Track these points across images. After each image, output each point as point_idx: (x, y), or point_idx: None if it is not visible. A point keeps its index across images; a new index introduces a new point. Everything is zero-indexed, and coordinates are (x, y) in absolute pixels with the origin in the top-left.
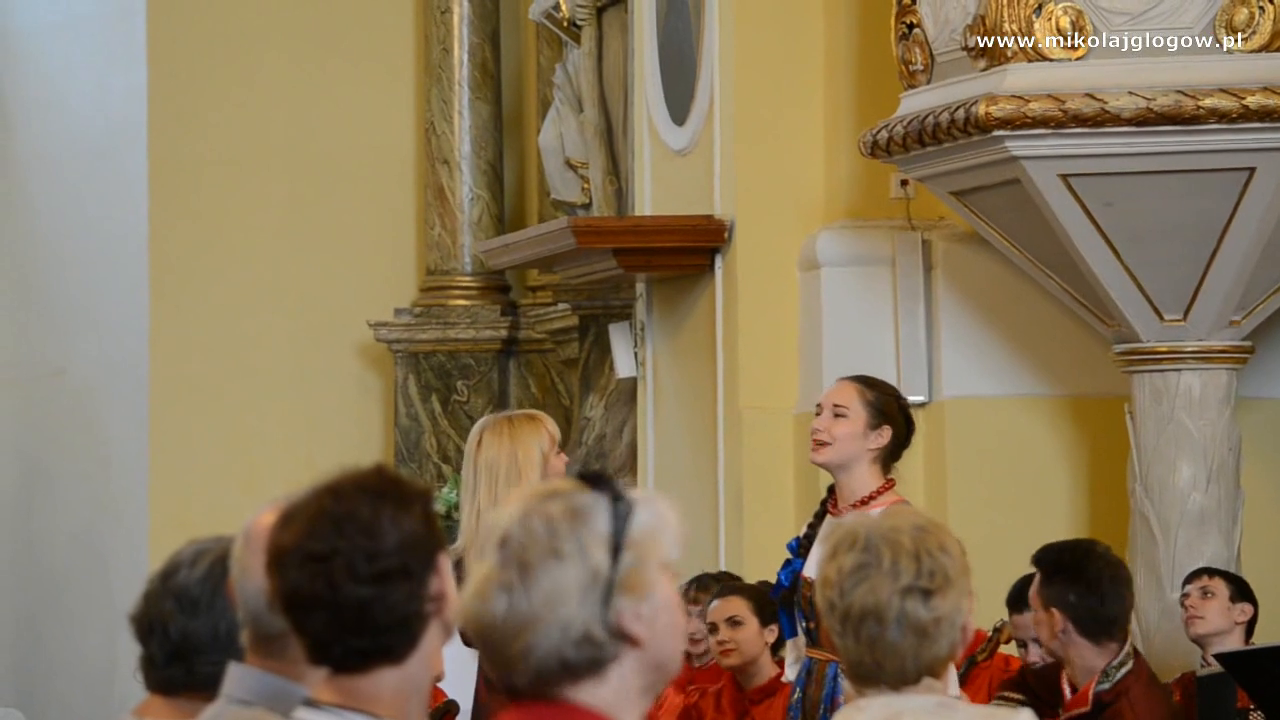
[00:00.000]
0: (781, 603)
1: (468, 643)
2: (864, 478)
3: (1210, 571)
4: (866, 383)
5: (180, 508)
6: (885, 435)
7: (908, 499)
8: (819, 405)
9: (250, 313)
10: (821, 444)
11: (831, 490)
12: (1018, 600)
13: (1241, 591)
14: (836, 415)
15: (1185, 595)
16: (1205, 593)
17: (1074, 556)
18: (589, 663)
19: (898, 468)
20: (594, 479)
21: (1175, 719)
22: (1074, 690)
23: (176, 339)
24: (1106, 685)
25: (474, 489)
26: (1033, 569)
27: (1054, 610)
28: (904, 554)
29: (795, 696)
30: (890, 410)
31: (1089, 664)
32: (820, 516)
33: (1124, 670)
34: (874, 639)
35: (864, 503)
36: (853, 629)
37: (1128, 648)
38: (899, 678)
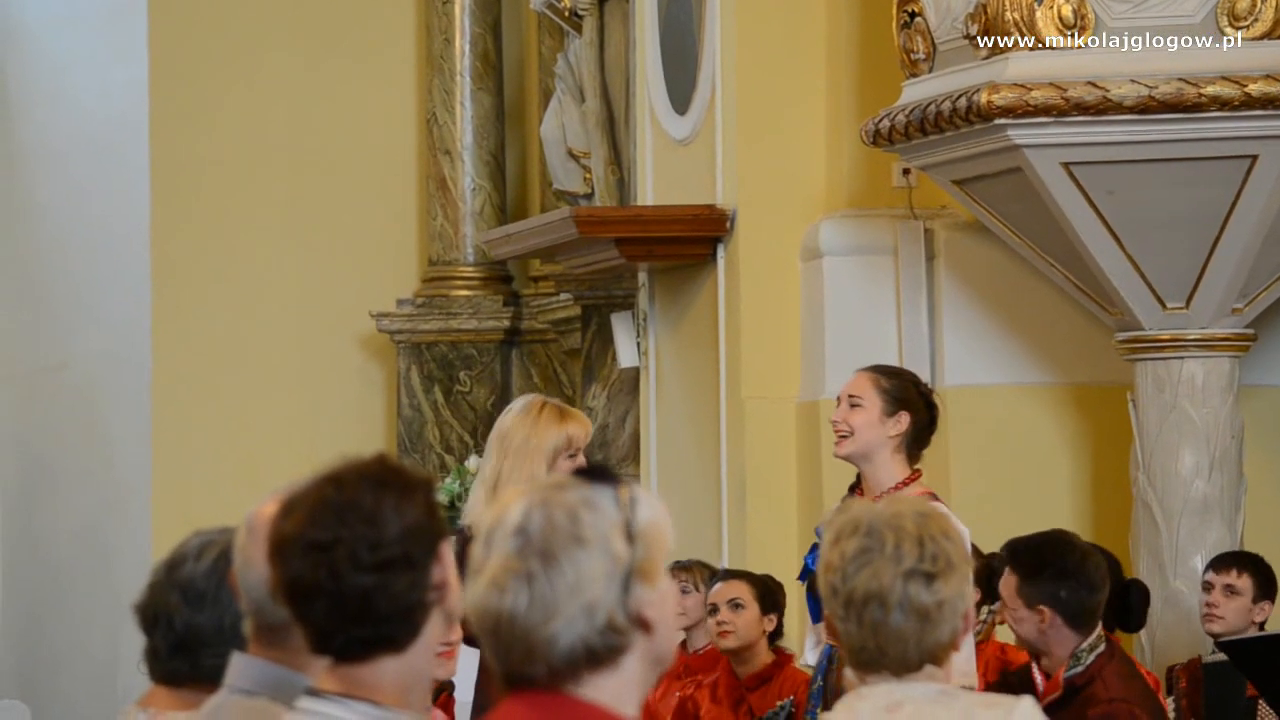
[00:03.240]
0: (809, 587)
1: (469, 640)
2: (888, 467)
3: (1241, 564)
4: (882, 371)
5: (183, 501)
6: (903, 422)
7: (934, 492)
8: (839, 398)
9: (252, 305)
10: (842, 436)
11: (860, 479)
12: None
13: (1265, 590)
14: (852, 406)
15: (1208, 584)
16: (1231, 591)
17: (1055, 552)
18: (609, 651)
19: (927, 456)
20: (595, 472)
21: (1149, 699)
22: (1047, 678)
23: (179, 332)
24: (1078, 669)
25: (490, 460)
26: (1007, 565)
27: (1043, 607)
28: (907, 538)
29: (816, 684)
30: (908, 396)
31: (1070, 652)
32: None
33: (1095, 653)
34: (876, 624)
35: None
36: (855, 614)
37: (1099, 630)
38: (901, 663)
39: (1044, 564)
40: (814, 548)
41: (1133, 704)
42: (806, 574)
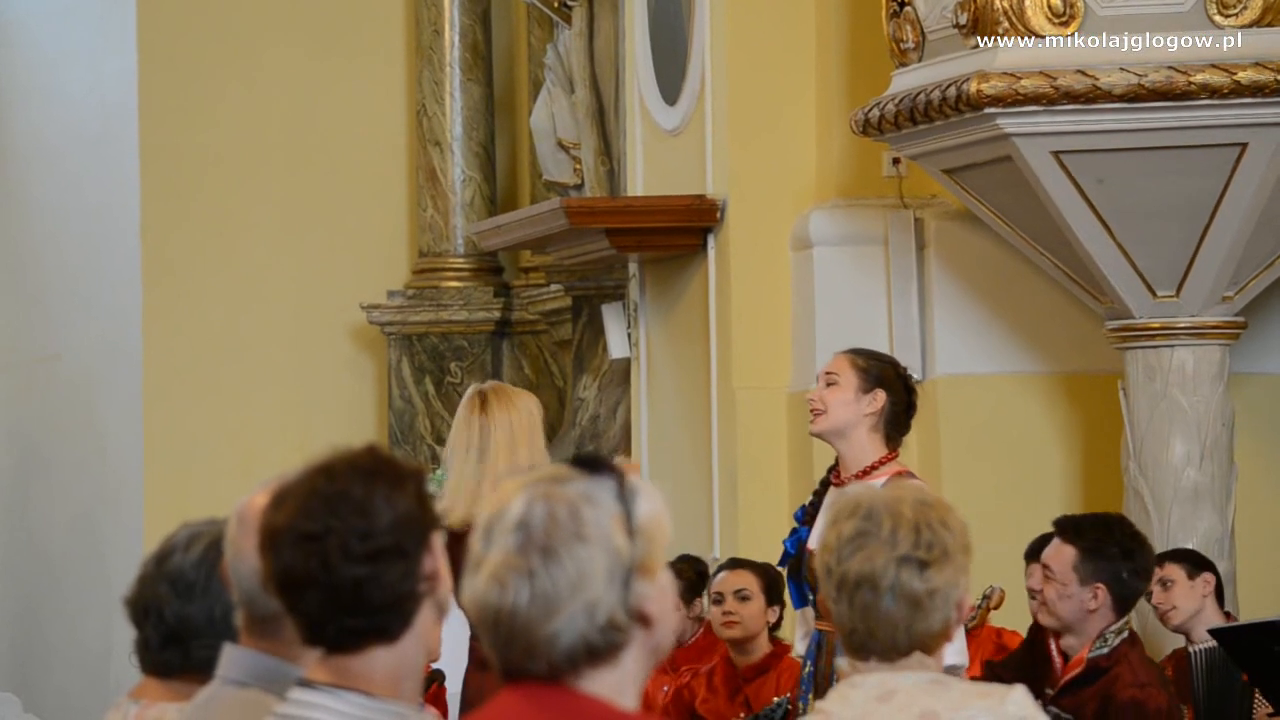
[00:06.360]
0: (790, 572)
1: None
2: (863, 446)
3: (1161, 559)
4: (859, 352)
5: (176, 492)
6: (879, 400)
7: (911, 470)
8: (817, 377)
9: (243, 296)
10: (817, 414)
11: (838, 461)
12: (1036, 554)
13: (1197, 564)
14: (828, 384)
15: (1150, 594)
16: (1165, 584)
17: (1123, 533)
18: (609, 647)
19: (918, 445)
20: (592, 463)
21: (1168, 683)
22: (1065, 657)
23: (170, 324)
24: (1104, 650)
25: (478, 451)
26: (1061, 538)
27: (1100, 586)
28: (904, 524)
29: (806, 670)
30: (885, 376)
31: (1099, 633)
32: (825, 486)
33: (1121, 637)
34: (867, 607)
35: (865, 473)
36: (847, 596)
37: (1127, 614)
38: (891, 648)
39: (1111, 544)
40: (793, 533)
41: (1159, 688)
42: (787, 559)
